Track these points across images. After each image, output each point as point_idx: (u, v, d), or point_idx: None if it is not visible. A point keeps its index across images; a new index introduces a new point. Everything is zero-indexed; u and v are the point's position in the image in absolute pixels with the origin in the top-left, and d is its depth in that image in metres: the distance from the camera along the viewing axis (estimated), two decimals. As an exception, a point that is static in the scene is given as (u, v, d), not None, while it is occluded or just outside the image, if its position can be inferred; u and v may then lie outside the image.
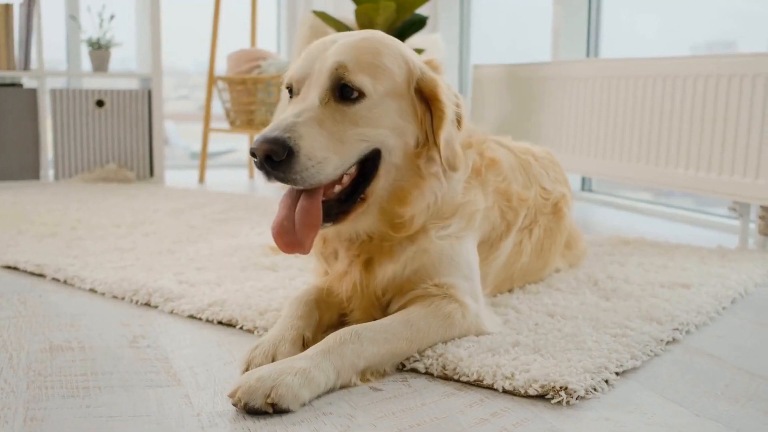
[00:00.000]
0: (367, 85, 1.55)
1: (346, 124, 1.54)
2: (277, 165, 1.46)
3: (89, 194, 4.04)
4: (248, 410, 1.33)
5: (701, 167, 3.04)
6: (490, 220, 1.90)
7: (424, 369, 1.56)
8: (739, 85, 2.87)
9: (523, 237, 2.04)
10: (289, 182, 1.49)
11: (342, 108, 1.54)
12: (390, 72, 1.59)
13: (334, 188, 1.58)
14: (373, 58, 1.58)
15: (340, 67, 1.54)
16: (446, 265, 1.71)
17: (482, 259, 1.89)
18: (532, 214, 2.06)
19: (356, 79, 1.54)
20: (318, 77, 1.56)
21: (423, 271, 1.69)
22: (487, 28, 5.33)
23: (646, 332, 1.75)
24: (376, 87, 1.56)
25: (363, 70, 1.55)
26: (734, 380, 1.56)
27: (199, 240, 2.85)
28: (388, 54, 1.61)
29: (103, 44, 4.72)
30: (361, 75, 1.55)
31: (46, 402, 1.40)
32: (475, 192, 1.80)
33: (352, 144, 1.54)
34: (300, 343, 1.58)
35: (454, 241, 1.73)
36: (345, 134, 1.53)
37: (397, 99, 1.60)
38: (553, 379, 1.44)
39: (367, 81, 1.55)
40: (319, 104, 1.54)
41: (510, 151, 2.08)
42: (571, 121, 3.81)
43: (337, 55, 1.56)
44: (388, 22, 3.60)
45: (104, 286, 2.17)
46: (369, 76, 1.56)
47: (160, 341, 1.76)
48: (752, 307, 2.12)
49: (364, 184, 1.60)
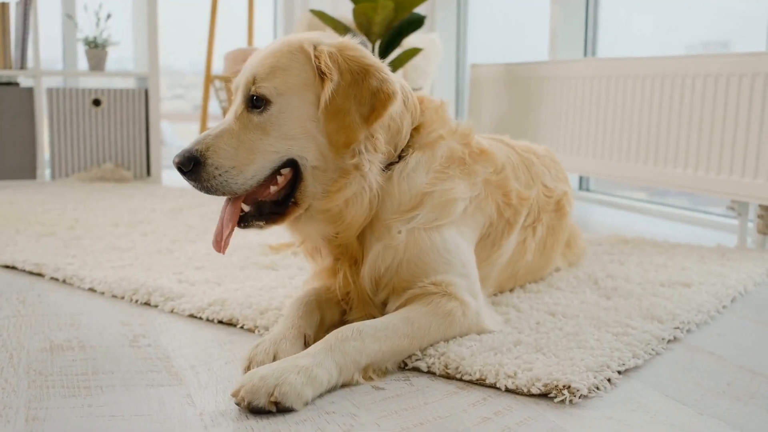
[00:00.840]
0: (271, 92, 1.61)
1: (257, 133, 1.61)
2: (190, 174, 1.59)
3: (86, 194, 4.02)
4: (251, 409, 1.33)
5: (700, 166, 3.05)
6: (485, 212, 1.86)
7: (426, 368, 1.56)
8: (738, 85, 2.88)
9: (527, 235, 2.03)
10: (204, 190, 1.60)
11: (252, 118, 1.62)
12: (290, 70, 1.62)
13: (270, 189, 1.65)
14: (276, 61, 1.63)
15: (250, 81, 1.63)
16: (433, 260, 1.69)
17: (485, 258, 1.89)
18: (535, 211, 2.05)
19: (261, 89, 1.61)
20: (239, 91, 1.67)
21: (407, 268, 1.68)
22: (485, 27, 5.33)
23: (647, 331, 1.75)
24: (279, 90, 1.61)
25: (267, 79, 1.62)
26: (736, 379, 1.56)
27: (198, 239, 2.84)
28: (288, 52, 1.64)
29: (99, 43, 4.71)
30: (265, 83, 1.61)
31: (48, 401, 1.39)
32: (455, 181, 1.76)
33: (264, 154, 1.61)
34: (301, 341, 1.59)
35: (432, 233, 1.70)
36: (255, 144, 1.60)
37: (303, 94, 1.62)
38: (555, 377, 1.44)
39: (270, 87, 1.61)
40: (233, 117, 1.63)
41: (512, 149, 2.07)
42: (569, 121, 3.81)
43: (250, 69, 1.65)
44: (386, 21, 3.60)
45: (103, 285, 2.16)
46: (271, 82, 1.61)
47: (160, 340, 1.75)
48: (752, 305, 2.12)
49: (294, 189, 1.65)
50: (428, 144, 1.76)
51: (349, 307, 1.75)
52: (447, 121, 1.83)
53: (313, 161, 1.63)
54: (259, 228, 1.67)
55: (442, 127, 1.80)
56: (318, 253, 1.80)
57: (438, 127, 1.79)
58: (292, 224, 1.70)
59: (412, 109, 1.77)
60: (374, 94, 1.60)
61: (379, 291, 1.72)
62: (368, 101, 1.60)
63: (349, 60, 1.61)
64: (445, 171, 1.76)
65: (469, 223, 1.82)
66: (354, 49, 1.65)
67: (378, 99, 1.60)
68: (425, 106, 1.81)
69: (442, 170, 1.75)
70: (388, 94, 1.62)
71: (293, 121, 1.61)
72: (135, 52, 5.27)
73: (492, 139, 2.08)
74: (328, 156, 1.63)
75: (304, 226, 1.70)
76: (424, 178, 1.72)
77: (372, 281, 1.71)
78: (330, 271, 1.77)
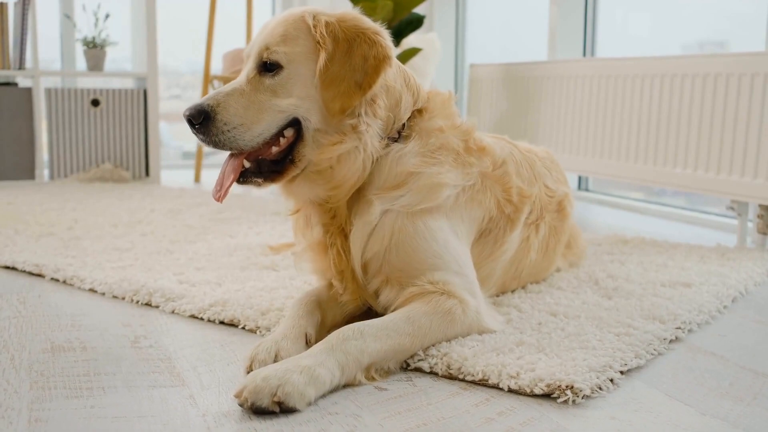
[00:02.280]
0: (283, 58, 1.68)
1: (267, 94, 1.68)
2: (199, 128, 1.66)
3: (85, 194, 4.02)
4: (255, 410, 1.32)
5: (699, 166, 3.05)
6: (483, 205, 1.85)
7: (428, 368, 1.55)
8: (738, 84, 2.88)
9: (530, 233, 2.03)
10: (212, 144, 1.67)
11: (263, 80, 1.69)
12: (297, 39, 1.69)
13: (272, 150, 1.71)
14: (285, 30, 1.70)
15: (264, 49, 1.70)
16: (422, 249, 1.69)
17: (488, 255, 1.88)
18: (537, 209, 2.05)
19: (273, 55, 1.69)
20: (250, 58, 1.74)
21: (396, 256, 1.69)
22: (483, 27, 5.33)
23: (649, 331, 1.75)
24: (289, 57, 1.68)
25: (279, 45, 1.69)
26: (738, 379, 1.56)
27: (198, 240, 2.84)
28: (293, 22, 1.71)
29: (98, 43, 4.70)
30: (278, 49, 1.69)
31: (50, 403, 1.39)
32: (443, 167, 1.76)
33: (271, 113, 1.68)
34: (302, 340, 1.60)
35: (416, 219, 1.70)
36: (264, 104, 1.68)
37: (307, 62, 1.69)
38: (558, 378, 1.44)
39: (282, 53, 1.69)
40: (245, 79, 1.70)
41: (515, 146, 2.07)
42: (569, 121, 3.81)
43: (264, 39, 1.72)
44: (385, 22, 3.59)
45: (104, 286, 2.16)
46: (283, 48, 1.69)
47: (162, 341, 1.75)
48: (753, 305, 2.12)
49: (293, 149, 1.71)
50: (426, 131, 1.78)
51: (344, 287, 1.75)
52: (451, 115, 1.84)
53: (315, 123, 1.69)
54: (257, 185, 1.73)
55: (444, 119, 1.82)
56: (308, 225, 1.82)
57: (440, 118, 1.81)
58: (287, 185, 1.75)
59: (414, 90, 1.80)
60: (366, 59, 1.66)
61: (370, 277, 1.73)
62: (361, 67, 1.66)
63: (345, 30, 1.68)
64: (434, 156, 1.77)
65: (463, 217, 1.80)
66: (352, 19, 1.71)
67: (369, 65, 1.66)
68: (432, 95, 1.86)
69: (431, 155, 1.76)
70: (380, 59, 1.67)
71: (300, 86, 1.68)
72: (133, 53, 5.26)
73: (494, 137, 2.08)
74: (329, 119, 1.68)
75: (297, 188, 1.74)
76: (415, 160, 1.74)
77: (360, 264, 1.72)
78: (320, 246, 1.78)
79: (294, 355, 1.50)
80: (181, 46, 6.09)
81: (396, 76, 1.76)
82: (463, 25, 5.35)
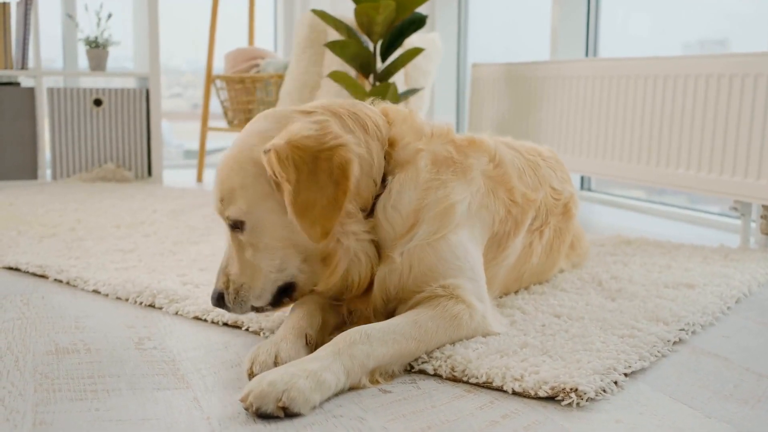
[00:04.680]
0: (239, 213, 1.64)
1: (250, 250, 1.67)
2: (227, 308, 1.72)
3: (87, 194, 4.02)
4: (260, 415, 1.32)
5: (703, 167, 3.05)
6: (491, 209, 1.81)
7: (432, 370, 1.55)
8: (741, 85, 2.88)
9: (534, 238, 2.02)
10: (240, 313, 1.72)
11: (240, 238, 1.67)
12: (246, 187, 1.62)
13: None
14: (232, 182, 1.63)
15: (220, 206, 1.68)
16: (442, 267, 1.67)
17: (491, 259, 1.88)
18: (543, 215, 2.04)
19: (229, 214, 1.65)
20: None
21: (413, 282, 1.67)
22: (485, 27, 5.33)
23: (653, 333, 1.74)
24: (244, 209, 1.63)
25: (231, 201, 1.64)
26: (743, 381, 1.56)
27: (201, 241, 2.84)
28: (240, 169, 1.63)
29: (100, 43, 4.70)
30: (230, 207, 1.65)
31: (55, 405, 1.39)
32: (448, 186, 1.70)
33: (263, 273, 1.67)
34: (302, 341, 1.59)
35: (435, 244, 1.67)
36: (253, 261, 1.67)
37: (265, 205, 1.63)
38: (562, 380, 1.44)
39: (236, 209, 1.64)
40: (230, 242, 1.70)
41: (517, 151, 2.05)
42: (571, 121, 3.81)
43: (217, 191, 1.68)
44: (387, 21, 3.60)
45: (107, 287, 2.16)
46: (235, 204, 1.64)
47: (166, 343, 1.75)
48: (756, 307, 2.12)
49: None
50: (407, 161, 1.69)
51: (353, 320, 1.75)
52: (419, 129, 1.75)
53: (304, 271, 1.69)
54: (269, 311, 1.77)
55: (416, 138, 1.72)
56: None
57: (412, 138, 1.72)
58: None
59: (377, 133, 1.69)
60: (331, 172, 1.55)
61: (389, 304, 1.72)
62: (329, 181, 1.55)
63: (302, 150, 1.55)
64: (436, 179, 1.70)
65: (476, 224, 1.78)
66: (306, 135, 1.56)
67: (336, 175, 1.55)
68: (392, 119, 1.75)
69: (431, 179, 1.70)
70: (344, 162, 1.56)
71: (269, 232, 1.64)
72: (136, 52, 5.26)
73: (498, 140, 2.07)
74: (311, 254, 1.66)
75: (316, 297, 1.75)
76: (414, 195, 1.68)
77: (382, 301, 1.71)
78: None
79: (293, 357, 1.51)
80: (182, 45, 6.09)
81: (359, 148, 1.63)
82: (465, 24, 5.34)
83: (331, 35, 4.11)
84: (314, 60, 4.28)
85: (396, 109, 1.79)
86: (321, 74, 4.27)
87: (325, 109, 1.68)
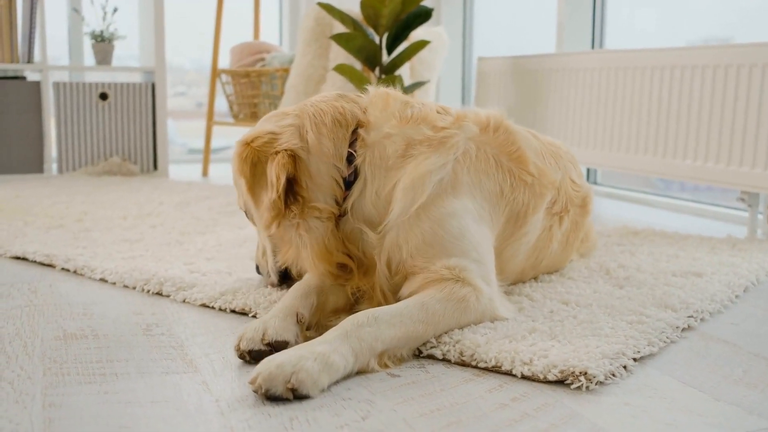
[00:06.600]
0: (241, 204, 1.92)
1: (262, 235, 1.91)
2: None
3: (93, 187, 4.02)
4: (268, 397, 1.32)
5: (710, 158, 3.04)
6: (489, 173, 1.77)
7: (441, 355, 1.55)
8: (748, 75, 2.87)
9: (554, 223, 2.00)
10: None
11: None
12: (238, 185, 1.80)
13: None
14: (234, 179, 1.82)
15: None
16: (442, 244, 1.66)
17: (509, 235, 1.85)
18: (563, 201, 2.01)
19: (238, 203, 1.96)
20: None
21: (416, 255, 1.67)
22: (491, 20, 5.32)
23: (661, 319, 1.74)
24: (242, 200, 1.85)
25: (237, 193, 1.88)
26: (752, 366, 1.55)
27: (207, 231, 2.84)
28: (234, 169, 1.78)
29: (106, 37, 4.71)
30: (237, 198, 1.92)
31: (64, 388, 1.39)
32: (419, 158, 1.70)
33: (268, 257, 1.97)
34: (292, 320, 1.60)
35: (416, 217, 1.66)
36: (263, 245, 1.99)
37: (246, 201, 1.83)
38: (572, 364, 1.44)
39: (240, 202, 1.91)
40: None
41: (536, 137, 2.01)
42: (578, 113, 3.80)
43: None
44: (393, 14, 3.59)
45: (115, 275, 2.16)
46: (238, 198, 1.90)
47: (173, 329, 1.75)
48: (764, 295, 2.11)
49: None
50: (375, 144, 1.72)
51: (358, 298, 1.76)
52: (393, 113, 1.75)
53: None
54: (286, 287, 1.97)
55: (386, 123, 1.74)
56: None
57: (382, 123, 1.74)
58: None
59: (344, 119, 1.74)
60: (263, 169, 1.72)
61: (393, 279, 1.72)
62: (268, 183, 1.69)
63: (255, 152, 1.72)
64: (405, 156, 1.71)
65: (474, 194, 1.73)
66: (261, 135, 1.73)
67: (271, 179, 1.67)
68: (372, 101, 1.79)
69: (401, 158, 1.71)
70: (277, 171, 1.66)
71: (256, 222, 1.85)
72: (141, 46, 5.27)
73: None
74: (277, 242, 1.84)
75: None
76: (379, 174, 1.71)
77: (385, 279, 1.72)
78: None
79: (281, 334, 1.53)
80: (186, 43, 6.09)
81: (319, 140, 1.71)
82: (470, 17, 5.34)
83: (336, 28, 4.11)
84: (320, 53, 4.27)
85: (381, 94, 1.80)
86: (326, 68, 4.26)
87: (300, 111, 1.77)
